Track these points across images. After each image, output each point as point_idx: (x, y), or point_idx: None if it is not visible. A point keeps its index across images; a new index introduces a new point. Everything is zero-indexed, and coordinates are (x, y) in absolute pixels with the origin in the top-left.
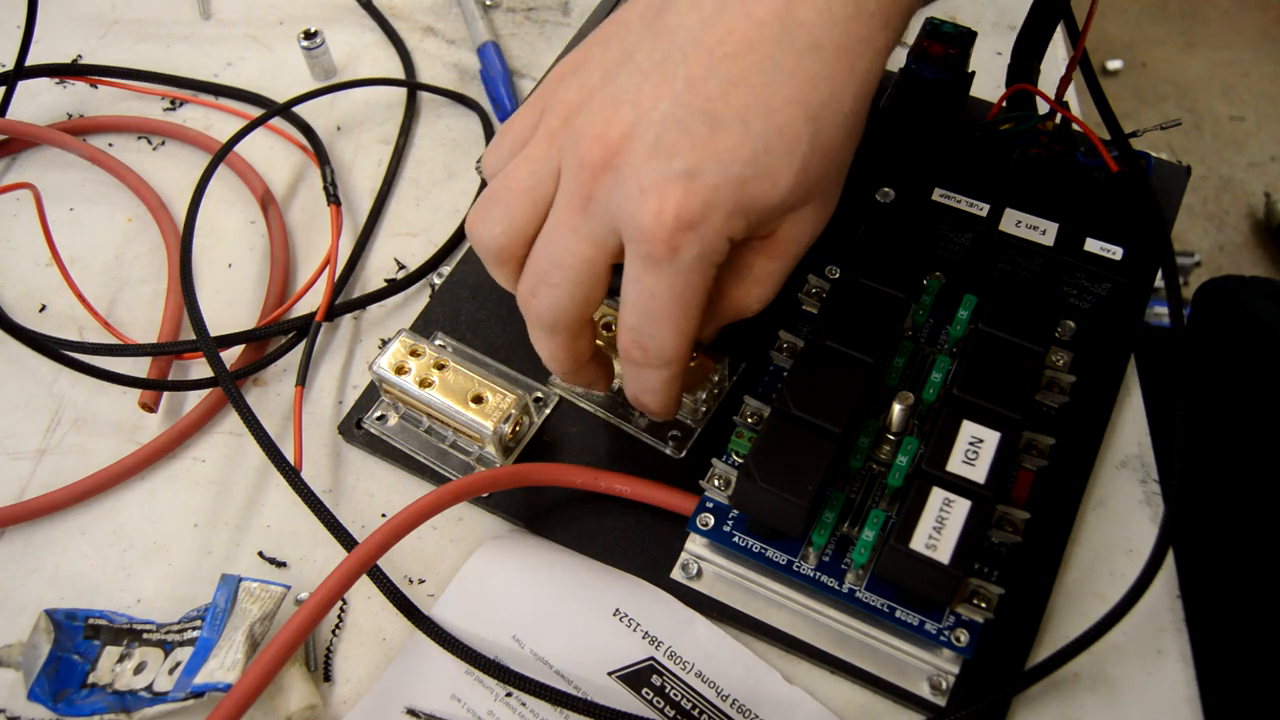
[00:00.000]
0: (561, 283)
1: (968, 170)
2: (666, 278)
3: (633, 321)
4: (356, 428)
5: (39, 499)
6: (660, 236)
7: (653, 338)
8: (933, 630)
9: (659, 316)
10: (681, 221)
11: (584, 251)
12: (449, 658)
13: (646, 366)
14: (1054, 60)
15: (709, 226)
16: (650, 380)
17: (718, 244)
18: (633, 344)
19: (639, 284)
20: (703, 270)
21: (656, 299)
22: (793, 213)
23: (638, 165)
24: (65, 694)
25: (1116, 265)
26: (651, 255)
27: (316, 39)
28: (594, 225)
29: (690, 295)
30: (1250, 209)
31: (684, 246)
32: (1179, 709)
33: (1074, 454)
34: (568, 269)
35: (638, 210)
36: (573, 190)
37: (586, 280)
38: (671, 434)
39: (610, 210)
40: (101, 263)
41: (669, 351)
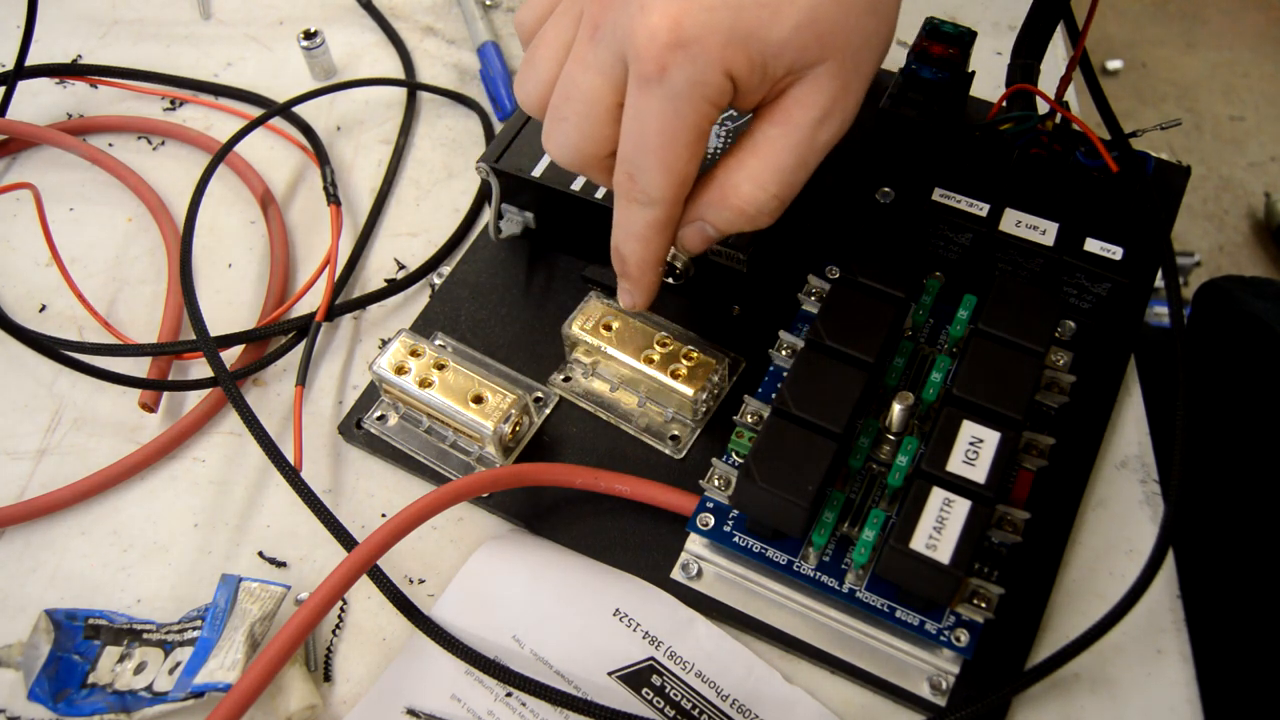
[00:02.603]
0: (569, 115)
1: (968, 170)
2: (657, 101)
3: (625, 150)
4: (356, 428)
5: (39, 499)
6: (651, 53)
7: (641, 168)
8: (933, 630)
9: (646, 144)
10: (674, 38)
11: (590, 81)
12: (449, 658)
13: (634, 202)
14: (1054, 60)
15: (702, 48)
16: (635, 220)
17: (712, 74)
18: (624, 175)
19: (631, 109)
20: (694, 101)
21: (646, 125)
22: (804, 73)
23: None
24: (65, 694)
25: (1116, 265)
26: (643, 74)
27: (316, 39)
28: (600, 53)
29: (680, 124)
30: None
31: (674, 66)
32: (1179, 709)
33: (1074, 454)
34: (575, 100)
35: (635, 25)
36: (585, 23)
37: (594, 113)
38: (671, 434)
39: (615, 34)
40: (101, 263)
41: (654, 186)
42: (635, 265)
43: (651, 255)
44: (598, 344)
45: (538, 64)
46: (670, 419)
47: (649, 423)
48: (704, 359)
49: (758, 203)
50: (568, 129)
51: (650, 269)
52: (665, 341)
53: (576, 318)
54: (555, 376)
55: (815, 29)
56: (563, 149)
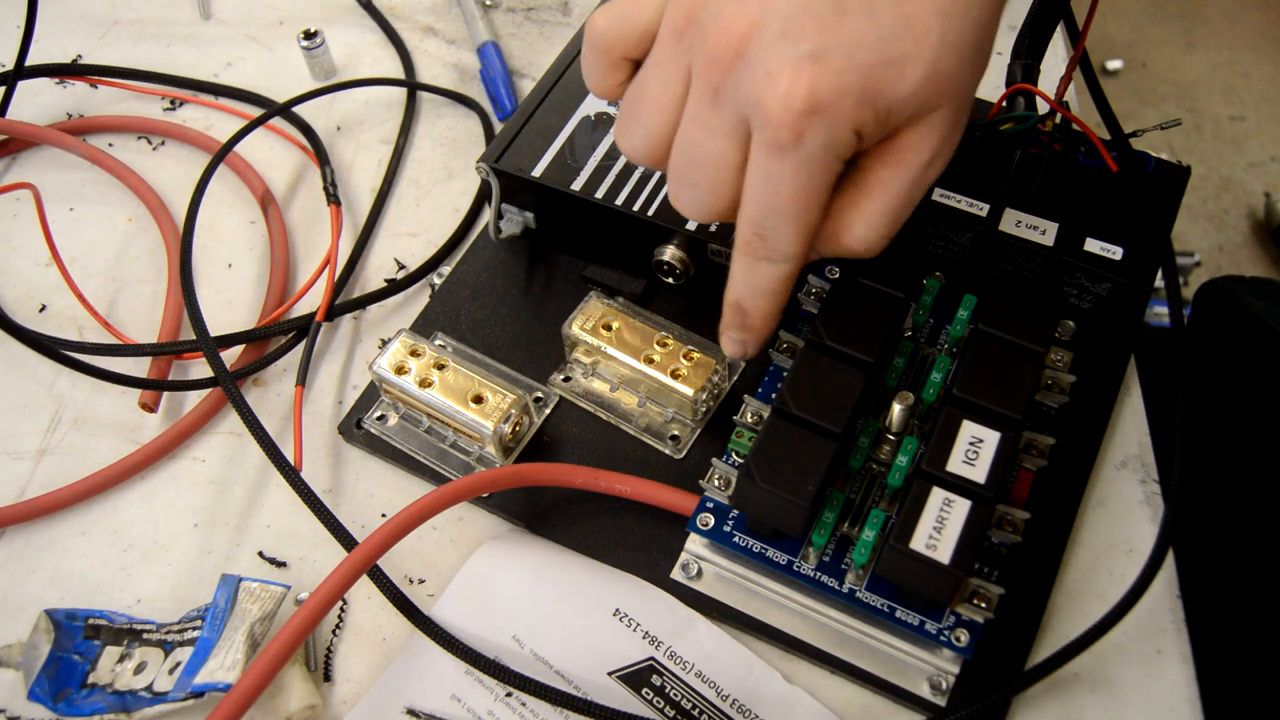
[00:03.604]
0: (701, 181)
1: (968, 170)
2: (791, 166)
3: (754, 214)
4: (356, 428)
5: (39, 499)
6: (786, 120)
7: (774, 230)
8: (933, 630)
9: (782, 208)
10: (809, 104)
11: (716, 146)
12: (449, 658)
13: (765, 260)
14: (1054, 60)
15: (836, 112)
16: (765, 278)
17: (844, 134)
18: (753, 236)
19: (763, 173)
20: (827, 161)
21: (781, 189)
22: (920, 118)
23: (765, 50)
24: (65, 694)
25: (1116, 265)
26: (777, 141)
27: (316, 39)
28: (724, 117)
29: (814, 187)
30: (1250, 209)
31: (809, 132)
32: (1179, 709)
33: (1074, 454)
34: (702, 166)
35: (764, 93)
36: (702, 85)
37: (722, 175)
38: (671, 434)
39: (739, 98)
40: (101, 263)
41: (789, 246)
42: (761, 319)
43: (779, 307)
44: (598, 344)
45: (644, 119)
46: (670, 419)
47: (649, 423)
48: (704, 359)
49: (868, 242)
50: (700, 194)
51: (775, 320)
52: (665, 341)
53: (576, 318)
54: (555, 376)
55: (936, 81)
56: (697, 211)
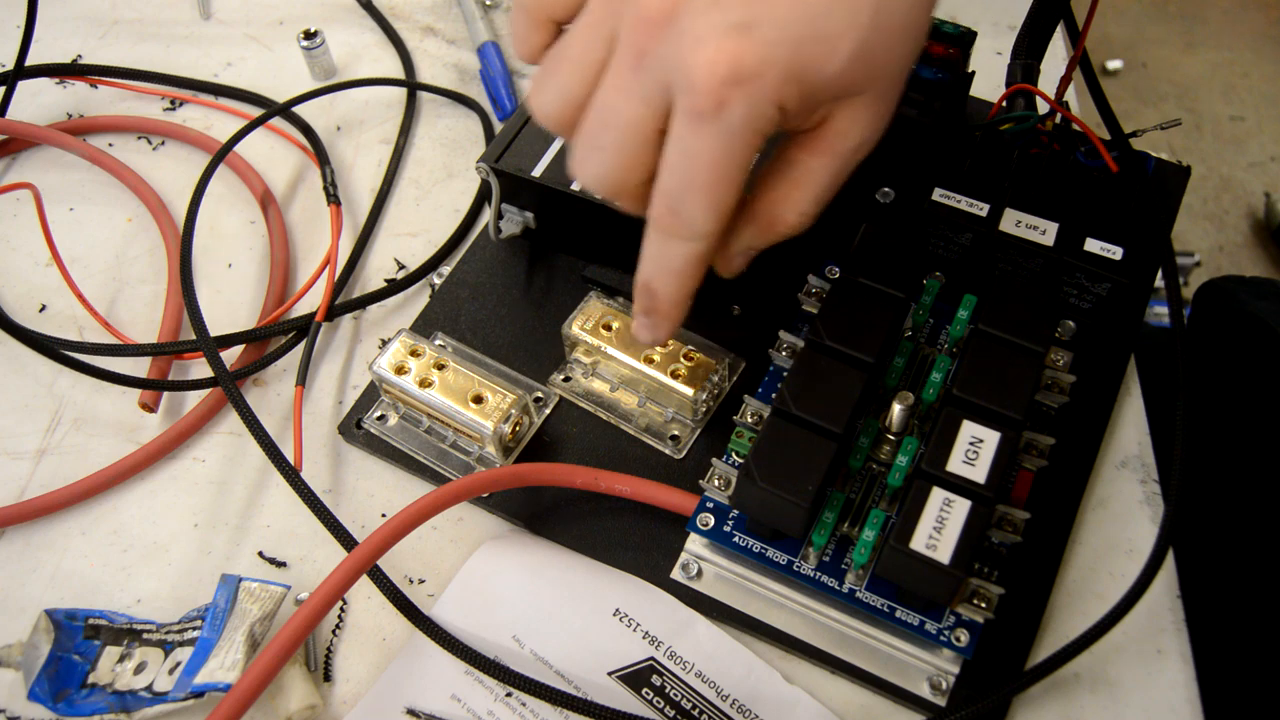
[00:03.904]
0: (608, 145)
1: (968, 170)
2: (710, 137)
3: (668, 185)
4: (356, 428)
5: (39, 499)
6: (709, 88)
7: (688, 203)
8: (933, 630)
9: (697, 180)
10: (733, 74)
11: (633, 111)
12: (449, 658)
13: (675, 237)
14: (1054, 60)
15: (760, 85)
16: (674, 255)
17: (767, 108)
18: (665, 210)
19: (681, 143)
20: (748, 136)
21: (697, 161)
22: (847, 100)
23: (695, 16)
24: (65, 694)
25: (1116, 265)
26: (697, 110)
27: (316, 39)
28: (645, 82)
29: (732, 161)
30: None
31: (732, 103)
32: (1179, 709)
33: (1074, 454)
34: (614, 129)
35: (689, 60)
36: (627, 47)
37: (634, 142)
38: (671, 434)
39: (663, 64)
40: (101, 263)
41: (700, 222)
42: (669, 301)
43: (688, 290)
44: (598, 344)
45: (563, 79)
46: (670, 419)
47: (649, 422)
48: (704, 359)
49: (798, 228)
50: (606, 158)
51: (683, 304)
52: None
53: (576, 318)
54: (555, 376)
55: (864, 61)
56: (600, 178)
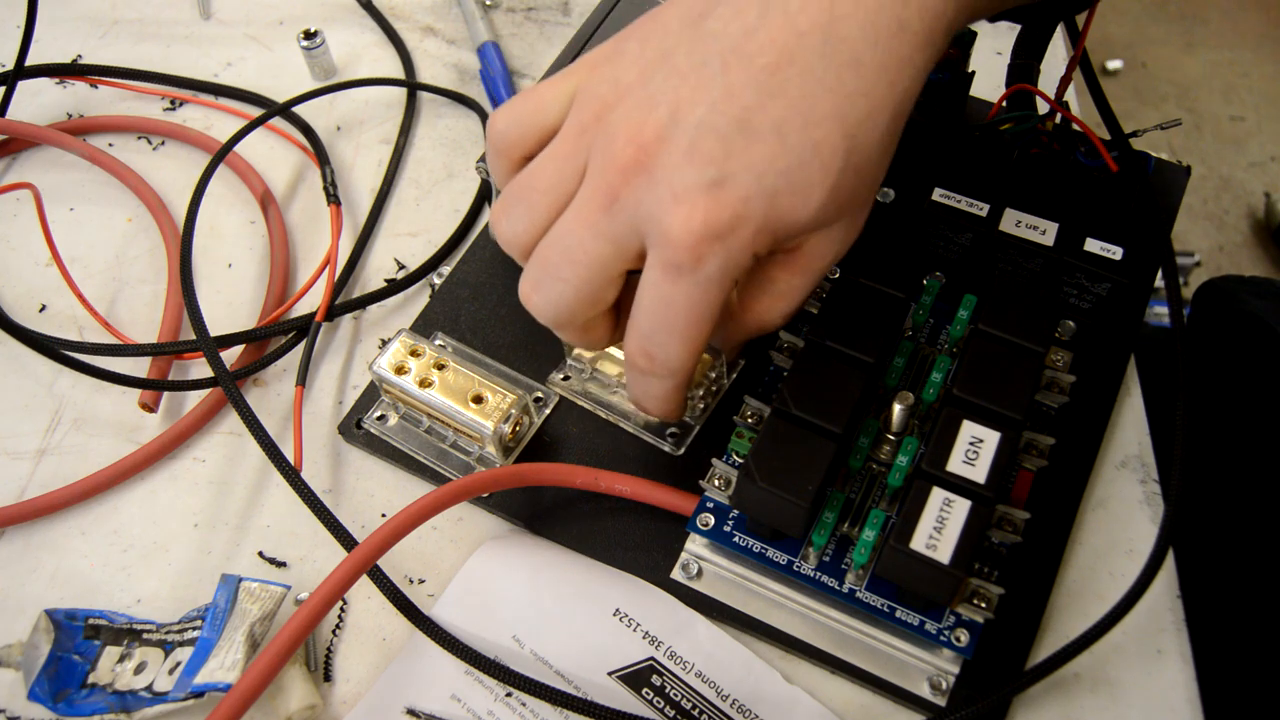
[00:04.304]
0: (570, 279)
1: (968, 170)
2: (686, 288)
3: (644, 328)
4: (356, 428)
5: (39, 499)
6: (686, 244)
7: (662, 347)
8: (933, 630)
9: (672, 327)
10: (710, 231)
11: (600, 250)
12: (449, 658)
13: (652, 375)
14: (1054, 60)
15: (736, 239)
16: (654, 389)
17: (743, 259)
18: (640, 351)
19: (656, 291)
20: (723, 284)
21: (672, 309)
22: (821, 230)
23: (671, 169)
24: (65, 694)
25: (1116, 265)
26: (674, 263)
27: (316, 39)
28: (616, 225)
29: (706, 308)
30: (1250, 209)
31: (709, 257)
32: (1179, 709)
33: (1074, 454)
34: (579, 264)
35: (666, 216)
36: (599, 187)
37: (598, 280)
38: (670, 431)
39: (637, 212)
40: (101, 263)
41: (675, 362)
42: (661, 415)
43: (675, 409)
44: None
45: (533, 206)
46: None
47: (648, 420)
48: (702, 356)
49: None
50: (564, 290)
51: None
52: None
53: None
54: (555, 376)
55: (836, 201)
56: (553, 307)
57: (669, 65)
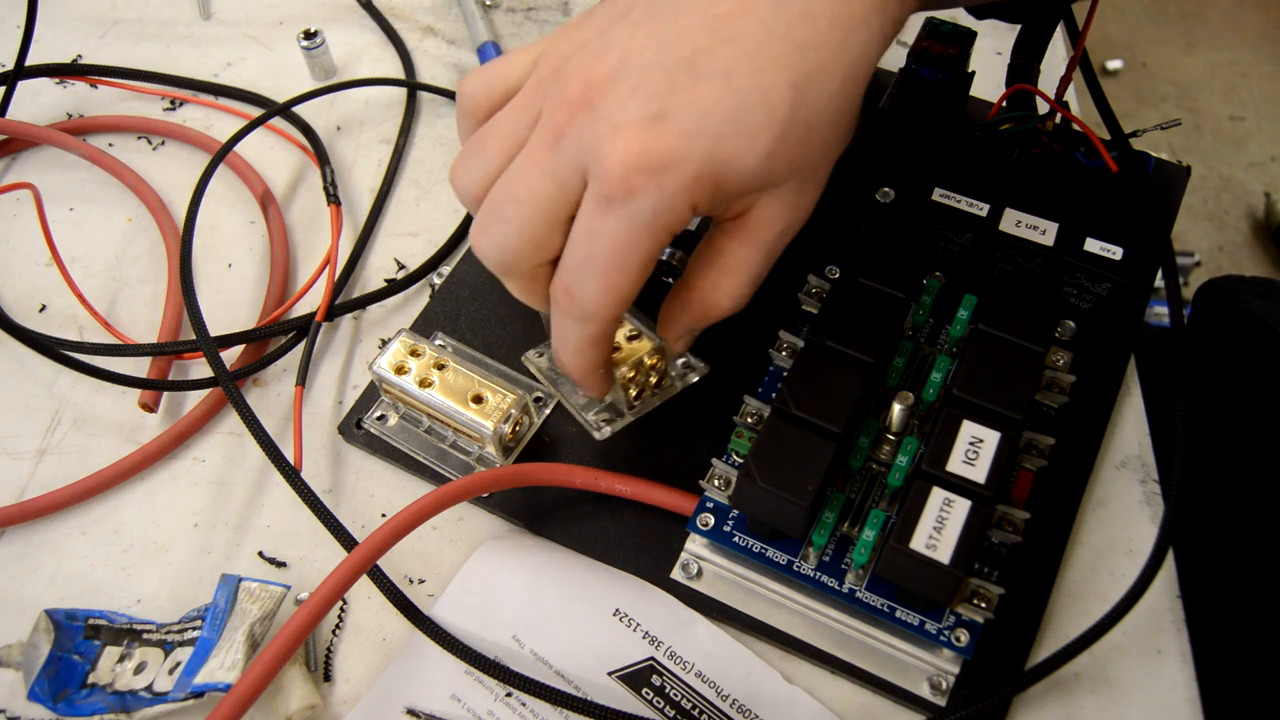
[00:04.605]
0: (513, 218)
1: (968, 170)
2: (614, 221)
3: (568, 262)
4: (356, 428)
5: (39, 499)
6: (619, 174)
7: (581, 284)
8: (933, 630)
9: (593, 263)
10: (645, 162)
11: (543, 188)
12: (449, 658)
13: (569, 315)
14: (1054, 60)
15: (671, 177)
16: (570, 333)
17: (677, 202)
18: (561, 288)
19: (585, 223)
20: (652, 228)
21: (597, 243)
22: (768, 191)
23: (614, 104)
24: (65, 694)
25: (1116, 265)
26: (605, 194)
27: (316, 39)
28: (560, 162)
29: (631, 249)
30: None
31: (640, 191)
32: (1179, 709)
33: (1074, 454)
34: (522, 203)
35: (605, 145)
36: (545, 126)
37: (540, 219)
38: (602, 414)
39: (579, 146)
40: (101, 263)
41: (592, 304)
42: (575, 373)
43: (588, 365)
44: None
45: (486, 155)
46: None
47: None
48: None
49: (733, 309)
50: (508, 230)
51: (590, 375)
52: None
53: None
54: (530, 354)
55: (783, 155)
56: (498, 249)
57: (626, 19)
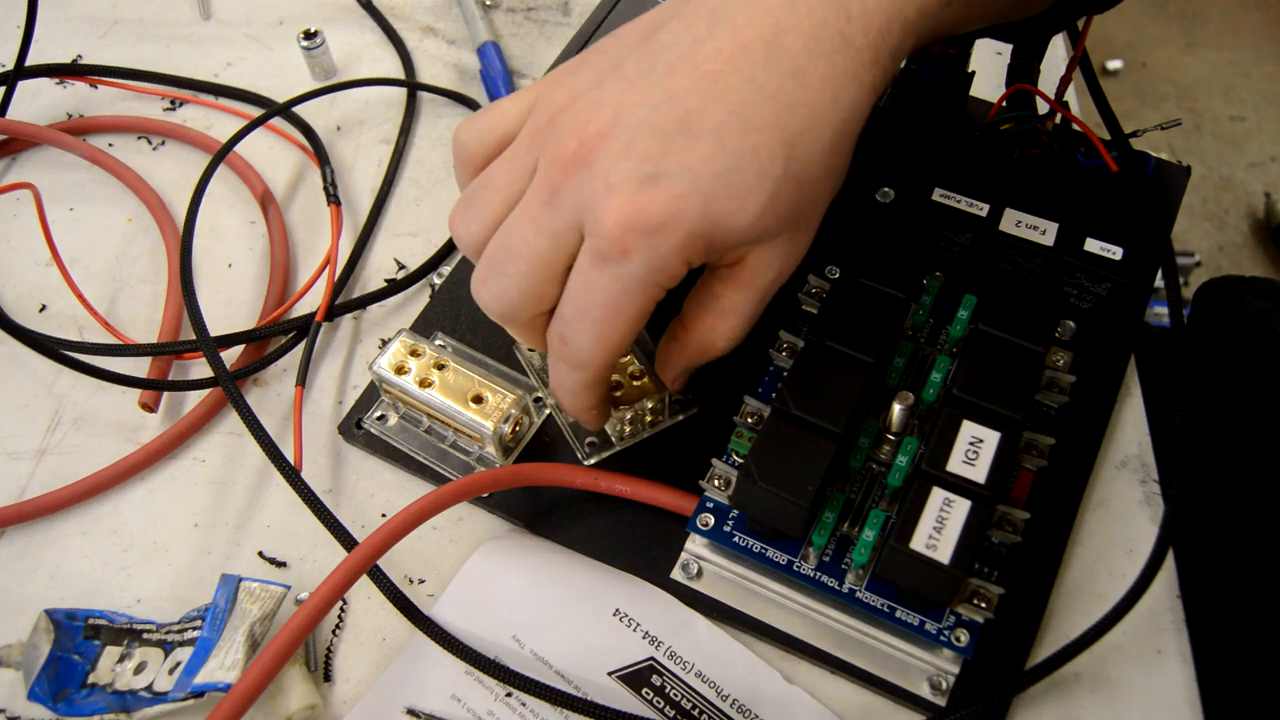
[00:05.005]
0: (512, 273)
1: (968, 170)
2: (608, 278)
3: (565, 312)
4: (356, 428)
5: (39, 499)
6: (614, 235)
7: (575, 334)
8: (933, 630)
9: (588, 315)
10: (639, 223)
11: (540, 244)
12: (449, 658)
13: (564, 361)
14: (1054, 60)
15: (666, 237)
16: (565, 378)
17: (671, 261)
18: (556, 335)
19: (581, 277)
20: (646, 285)
21: (591, 296)
22: (762, 243)
23: (609, 162)
24: (65, 694)
25: (1116, 265)
26: (601, 252)
27: (316, 39)
28: (556, 219)
29: (626, 304)
30: (1250, 209)
31: (634, 251)
32: (1179, 709)
33: (1074, 454)
34: (520, 259)
35: (599, 204)
36: (541, 182)
37: (538, 274)
38: (589, 440)
39: (575, 205)
40: (101, 263)
41: (585, 353)
42: (572, 413)
43: (583, 406)
44: None
45: (484, 207)
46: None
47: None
48: (647, 385)
49: (729, 347)
50: (507, 285)
51: (585, 414)
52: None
53: None
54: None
55: (776, 211)
56: (499, 301)
57: (619, 73)
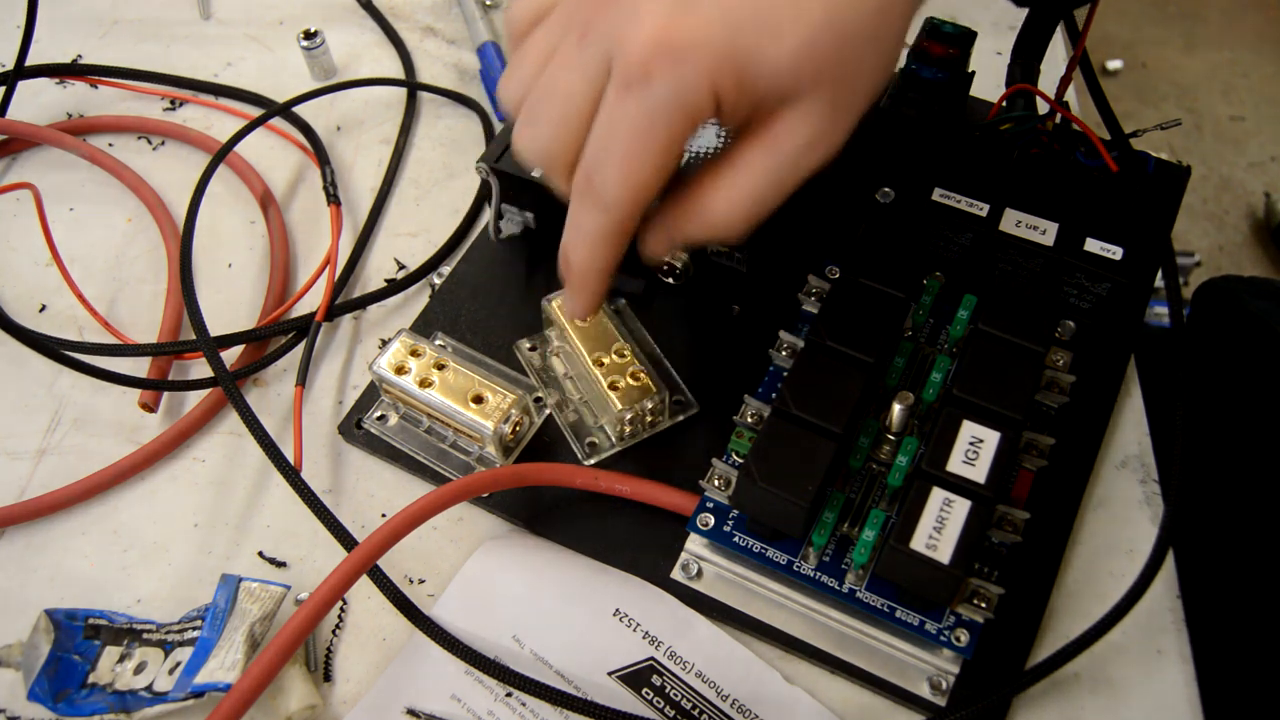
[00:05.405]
0: (543, 115)
1: (968, 170)
2: (633, 105)
3: (590, 149)
4: (356, 428)
5: (39, 499)
6: (638, 58)
7: (602, 170)
8: (933, 630)
9: (613, 146)
10: (665, 47)
11: (572, 83)
12: (449, 658)
13: (587, 203)
14: (1054, 60)
15: (692, 62)
16: (586, 223)
17: (698, 88)
18: (582, 173)
19: (605, 110)
20: (670, 114)
21: (617, 128)
22: (796, 101)
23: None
24: (65, 694)
25: (1116, 265)
26: (624, 78)
27: (316, 39)
28: (587, 56)
29: (649, 136)
30: (1250, 209)
31: (658, 75)
32: (1179, 709)
33: (1074, 454)
34: (555, 100)
35: (626, 28)
36: (576, 22)
37: (572, 113)
38: (590, 441)
39: (605, 37)
40: (101, 263)
41: (610, 192)
42: (579, 272)
43: (597, 263)
44: (565, 327)
45: (524, 65)
46: (596, 425)
47: (578, 420)
48: (647, 383)
49: (729, 224)
50: (540, 128)
51: (594, 277)
52: (623, 352)
53: (556, 297)
54: (523, 343)
55: (812, 58)
56: (532, 147)
57: None
